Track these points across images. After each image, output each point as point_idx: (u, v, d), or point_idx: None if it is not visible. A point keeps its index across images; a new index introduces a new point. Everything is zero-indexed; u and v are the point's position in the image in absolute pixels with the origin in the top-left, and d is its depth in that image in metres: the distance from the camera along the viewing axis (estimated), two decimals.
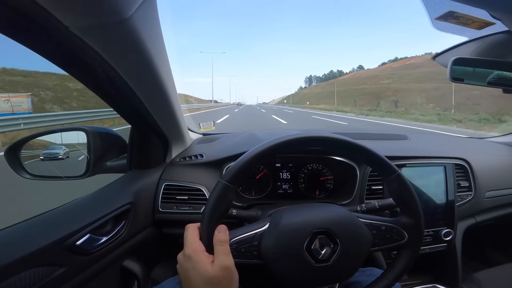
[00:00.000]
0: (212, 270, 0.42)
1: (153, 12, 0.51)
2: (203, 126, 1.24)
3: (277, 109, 34.49)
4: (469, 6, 0.57)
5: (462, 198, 0.97)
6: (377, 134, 1.25)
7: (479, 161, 1.00)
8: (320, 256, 0.48)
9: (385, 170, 0.54)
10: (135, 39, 0.46)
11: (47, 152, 0.82)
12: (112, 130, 0.87)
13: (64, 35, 0.39)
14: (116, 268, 0.69)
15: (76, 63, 0.49)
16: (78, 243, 0.55)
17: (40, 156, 0.81)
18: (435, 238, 0.91)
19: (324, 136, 0.52)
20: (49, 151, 0.82)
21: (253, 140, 0.97)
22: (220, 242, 0.45)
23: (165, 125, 0.78)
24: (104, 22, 0.40)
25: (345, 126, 11.31)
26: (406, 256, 0.54)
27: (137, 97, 0.60)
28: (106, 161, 0.82)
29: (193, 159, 0.90)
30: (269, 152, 0.49)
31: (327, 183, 0.93)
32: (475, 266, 1.15)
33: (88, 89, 0.58)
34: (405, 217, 0.54)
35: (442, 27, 0.72)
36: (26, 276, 0.46)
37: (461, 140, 1.37)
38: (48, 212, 0.60)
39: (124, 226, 0.68)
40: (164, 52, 0.60)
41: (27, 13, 0.35)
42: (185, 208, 0.83)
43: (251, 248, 0.48)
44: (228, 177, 0.48)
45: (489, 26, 0.68)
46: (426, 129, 9.34)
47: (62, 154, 0.82)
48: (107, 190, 0.74)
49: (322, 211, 0.52)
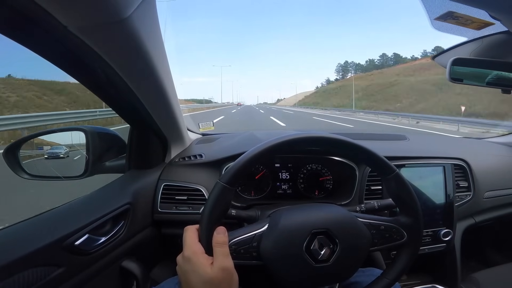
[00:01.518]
0: (212, 271, 0.42)
1: (152, 11, 0.50)
2: (202, 126, 1.24)
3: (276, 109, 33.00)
4: (468, 6, 0.57)
5: (461, 198, 0.97)
6: (376, 135, 1.25)
7: (478, 161, 1.01)
8: (319, 257, 0.48)
9: (383, 170, 0.54)
10: (134, 39, 0.46)
11: (51, 151, 0.83)
12: (111, 130, 0.87)
13: (63, 35, 0.39)
14: (115, 269, 0.69)
15: (75, 63, 0.49)
16: (77, 243, 0.55)
17: (45, 155, 0.82)
18: (434, 238, 0.91)
19: (323, 136, 0.52)
20: (53, 151, 0.83)
21: (252, 141, 0.97)
22: (219, 243, 0.45)
23: (164, 125, 0.78)
24: (103, 22, 0.40)
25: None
26: (405, 256, 0.54)
27: (136, 97, 0.60)
28: (105, 161, 0.81)
29: (192, 159, 0.90)
30: (269, 152, 0.49)
31: (327, 183, 0.93)
32: (474, 266, 1.15)
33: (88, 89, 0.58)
34: (404, 217, 0.54)
35: (441, 27, 0.72)
36: (24, 276, 0.46)
37: (460, 140, 1.37)
38: (46, 212, 0.60)
39: (123, 226, 0.68)
40: (163, 52, 0.60)
41: (25, 13, 0.35)
42: (184, 208, 0.83)
43: (250, 249, 0.48)
44: (227, 178, 0.47)
45: (488, 26, 0.68)
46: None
47: (63, 153, 0.83)
48: (106, 190, 0.74)
49: (322, 211, 0.52)
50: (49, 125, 7.04)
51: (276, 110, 30.98)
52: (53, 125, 7.08)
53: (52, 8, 0.35)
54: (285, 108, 46.35)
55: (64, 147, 0.84)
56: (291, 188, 0.92)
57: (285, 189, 0.92)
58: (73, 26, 0.38)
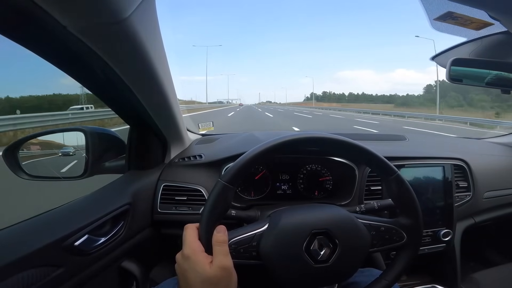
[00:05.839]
0: (211, 270, 0.42)
1: (152, 12, 0.50)
2: (202, 126, 1.24)
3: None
4: (468, 6, 0.57)
5: (461, 198, 0.97)
6: (376, 135, 1.25)
7: (477, 162, 1.01)
8: (319, 257, 0.48)
9: (384, 171, 0.54)
10: (134, 40, 0.46)
11: (63, 151, 0.85)
12: (110, 130, 0.87)
13: (63, 35, 0.39)
14: (115, 269, 0.69)
15: (75, 63, 0.49)
16: (76, 244, 0.55)
17: (59, 153, 0.85)
18: (434, 238, 0.91)
19: (323, 136, 0.52)
20: (64, 150, 0.85)
21: (252, 141, 0.97)
22: (219, 242, 0.45)
23: (164, 125, 0.78)
24: (102, 22, 0.40)
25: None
26: (405, 257, 0.54)
27: (135, 97, 0.60)
28: (105, 161, 0.81)
29: (192, 159, 0.90)
30: (268, 152, 0.49)
31: (326, 184, 0.93)
32: (474, 267, 1.15)
33: (87, 89, 0.58)
34: (404, 218, 0.54)
35: (441, 28, 0.72)
36: (24, 277, 0.46)
37: (459, 140, 1.37)
38: (46, 213, 0.60)
39: (122, 226, 0.68)
40: (163, 53, 0.60)
41: (25, 13, 0.35)
42: (184, 208, 0.83)
43: (250, 249, 0.48)
44: (227, 178, 0.47)
45: (487, 26, 0.68)
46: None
47: (72, 152, 0.85)
48: (105, 191, 0.74)
49: (321, 211, 0.52)
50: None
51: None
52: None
53: (52, 9, 0.35)
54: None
55: (71, 147, 0.84)
56: (291, 188, 0.92)
57: (285, 190, 0.92)
58: (73, 26, 0.38)
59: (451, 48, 0.91)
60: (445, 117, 17.59)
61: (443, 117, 17.82)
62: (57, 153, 0.84)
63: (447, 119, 16.64)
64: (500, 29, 0.71)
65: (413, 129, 10.57)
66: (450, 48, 0.91)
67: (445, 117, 17.52)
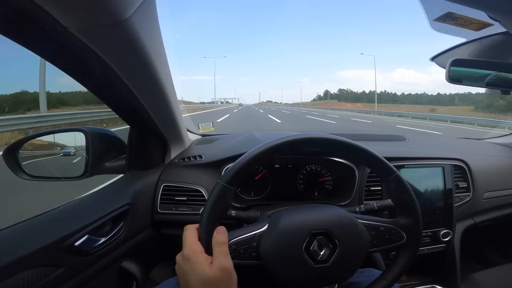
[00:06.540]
0: (211, 271, 0.42)
1: (152, 13, 0.51)
2: (202, 127, 1.24)
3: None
4: (467, 7, 0.57)
5: (461, 199, 0.97)
6: (375, 135, 1.25)
7: (477, 162, 1.01)
8: (319, 257, 0.48)
9: (384, 171, 0.54)
10: (134, 40, 0.46)
11: (64, 151, 0.85)
12: (110, 131, 0.87)
13: (63, 36, 0.39)
14: (115, 269, 0.69)
15: (75, 64, 0.49)
16: (76, 244, 0.55)
17: (60, 153, 0.85)
18: (433, 238, 0.91)
19: (323, 137, 0.52)
20: (66, 150, 0.85)
21: (252, 141, 0.97)
22: (219, 243, 0.45)
23: (164, 126, 0.78)
24: (103, 23, 0.40)
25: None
26: (404, 257, 0.54)
27: (136, 98, 0.60)
28: (105, 162, 0.81)
29: (192, 160, 0.90)
30: (268, 153, 0.49)
31: (326, 184, 0.93)
32: (474, 267, 1.15)
33: (88, 89, 0.58)
34: (404, 218, 0.54)
35: (441, 28, 0.72)
36: (24, 277, 0.46)
37: (459, 141, 1.37)
38: (46, 213, 0.60)
39: (122, 227, 0.68)
40: (163, 53, 0.60)
41: (26, 14, 0.35)
42: (184, 209, 0.83)
43: (250, 249, 0.48)
44: (227, 178, 0.48)
45: (487, 27, 0.68)
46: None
47: (73, 152, 0.86)
48: (105, 191, 0.74)
49: (321, 212, 0.52)
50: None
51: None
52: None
53: (53, 9, 0.35)
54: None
55: (72, 147, 0.84)
56: (290, 188, 0.92)
57: (284, 190, 0.92)
58: (74, 27, 0.38)
59: (450, 48, 0.91)
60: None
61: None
62: (57, 153, 0.85)
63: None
64: (500, 29, 0.71)
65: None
66: (449, 49, 0.91)
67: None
